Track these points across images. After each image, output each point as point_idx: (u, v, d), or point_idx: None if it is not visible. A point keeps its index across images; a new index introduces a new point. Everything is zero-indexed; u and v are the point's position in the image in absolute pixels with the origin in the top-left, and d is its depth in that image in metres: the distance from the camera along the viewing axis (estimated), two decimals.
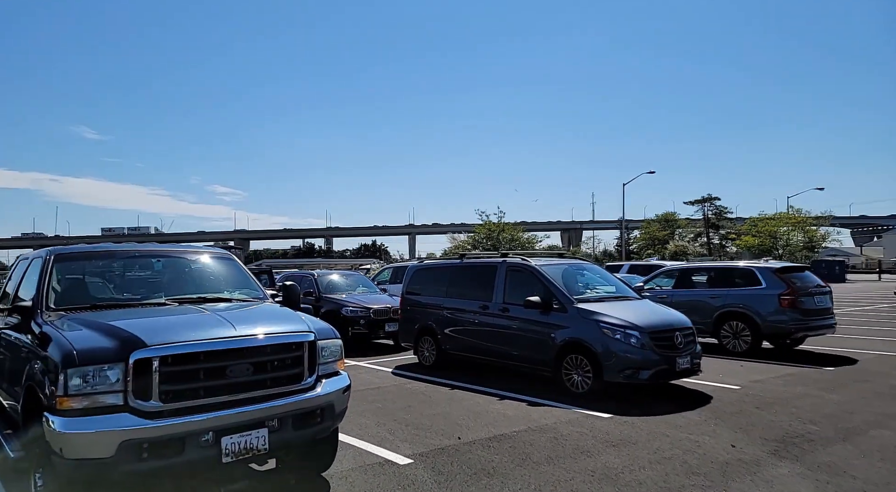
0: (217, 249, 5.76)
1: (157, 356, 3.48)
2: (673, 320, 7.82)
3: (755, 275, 11.24)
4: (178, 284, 4.99)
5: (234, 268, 5.49)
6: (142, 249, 5.35)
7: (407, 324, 10.45)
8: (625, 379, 7.22)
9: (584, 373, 7.49)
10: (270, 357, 3.93)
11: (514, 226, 42.33)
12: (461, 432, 6.03)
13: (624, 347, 7.26)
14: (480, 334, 8.96)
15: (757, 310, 10.88)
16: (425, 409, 7.03)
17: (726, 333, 11.25)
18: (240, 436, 3.67)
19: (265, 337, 3.92)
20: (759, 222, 53.87)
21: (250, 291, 5.24)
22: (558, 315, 7.90)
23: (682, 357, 7.45)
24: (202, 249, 5.60)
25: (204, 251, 5.58)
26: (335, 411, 4.24)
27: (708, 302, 11.65)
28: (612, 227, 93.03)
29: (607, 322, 7.46)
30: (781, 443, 5.58)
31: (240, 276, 5.40)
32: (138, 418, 3.38)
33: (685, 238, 67.82)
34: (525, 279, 8.54)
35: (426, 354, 9.94)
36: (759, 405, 7.05)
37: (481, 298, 9.01)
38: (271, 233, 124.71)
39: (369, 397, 7.71)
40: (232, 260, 5.57)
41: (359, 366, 10.25)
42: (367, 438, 5.86)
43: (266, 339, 3.92)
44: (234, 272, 5.42)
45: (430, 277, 10.29)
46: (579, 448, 5.44)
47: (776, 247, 51.16)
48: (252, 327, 3.97)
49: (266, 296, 5.24)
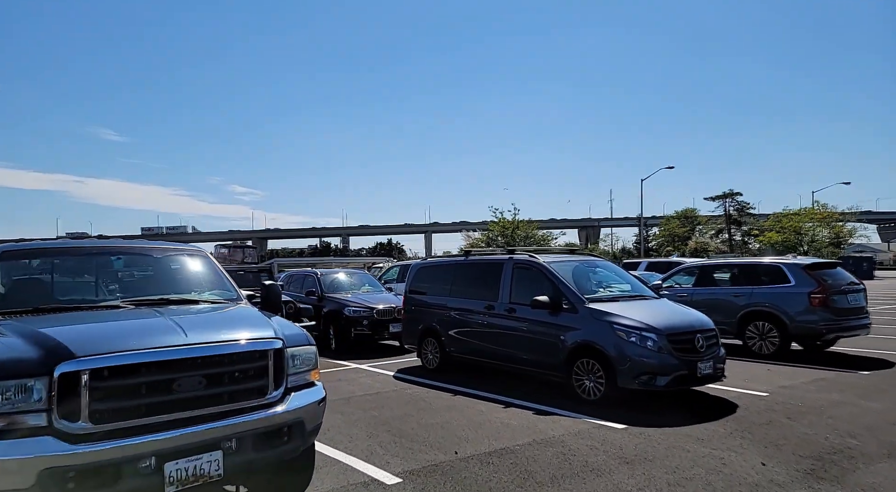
0: (189, 246, 5.29)
1: (87, 369, 2.99)
2: (693, 322, 7.20)
3: (783, 272, 10.51)
4: (141, 285, 4.54)
5: (207, 267, 5.00)
6: (101, 245, 4.89)
7: (410, 325, 9.93)
8: (640, 386, 6.61)
9: (597, 379, 6.90)
10: (228, 368, 3.44)
11: (528, 223, 41.50)
12: (459, 445, 5.49)
13: (639, 351, 6.66)
14: (486, 336, 8.40)
15: (785, 309, 10.15)
16: (423, 418, 6.51)
17: (752, 335, 10.54)
18: (187, 461, 3.17)
19: (221, 345, 3.43)
20: (783, 218, 52.41)
21: (223, 292, 4.76)
22: (568, 316, 7.32)
23: (704, 362, 6.82)
24: (170, 246, 5.13)
25: (172, 248, 5.11)
26: (305, 429, 3.73)
27: (731, 301, 10.94)
28: (631, 224, 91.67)
29: (621, 323, 6.86)
30: (818, 460, 4.95)
31: (212, 275, 4.92)
32: (63, 443, 2.90)
33: (706, 235, 66.40)
34: (532, 277, 7.96)
35: (430, 357, 9.41)
36: (790, 415, 6.40)
37: (487, 297, 8.45)
38: (290, 232, 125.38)
39: (365, 404, 7.20)
40: (205, 258, 5.09)
41: (360, 369, 9.75)
42: (355, 452, 5.35)
43: (222, 347, 3.43)
44: (205, 272, 4.94)
45: (434, 276, 9.74)
46: (588, 466, 4.87)
47: (801, 243, 49.70)
48: (208, 334, 3.48)
49: (240, 297, 4.76)
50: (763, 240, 54.53)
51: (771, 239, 51.83)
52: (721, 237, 67.63)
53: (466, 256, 9.50)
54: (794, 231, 50.35)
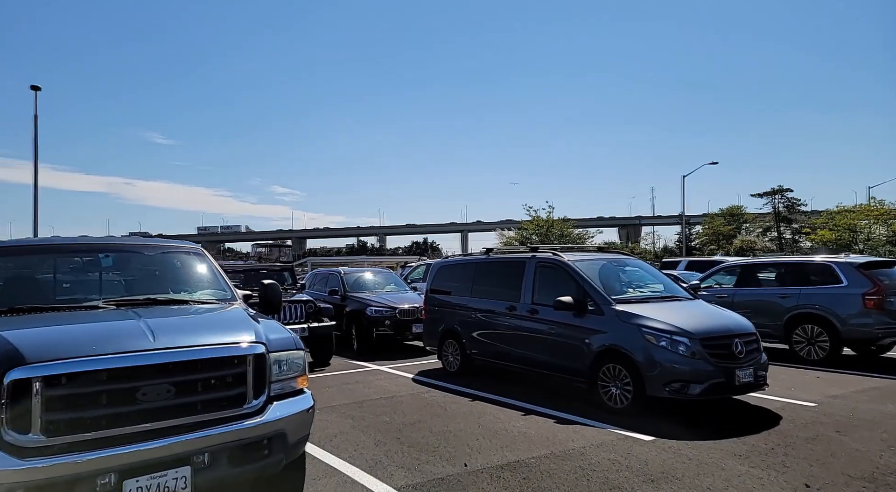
0: (184, 243, 5.07)
1: (39, 376, 2.75)
2: (731, 325, 6.63)
3: (834, 271, 9.74)
4: (128, 284, 4.33)
5: (202, 265, 4.77)
6: (89, 242, 4.70)
7: (430, 326, 9.59)
8: (671, 394, 6.10)
9: (624, 386, 6.42)
10: (201, 375, 3.16)
11: (563, 222, 40.56)
12: (470, 456, 5.12)
13: (670, 357, 6.15)
14: (507, 339, 8.00)
15: (836, 311, 9.40)
16: (437, 424, 6.16)
17: (799, 339, 9.81)
18: (151, 477, 2.91)
19: (192, 351, 3.16)
20: (836, 215, 49.94)
21: (216, 291, 4.52)
22: (594, 318, 6.85)
23: (743, 369, 6.26)
24: (164, 244, 4.91)
25: (166, 245, 4.89)
26: (288, 441, 3.42)
27: (777, 303, 10.22)
28: (673, 222, 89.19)
29: (651, 327, 6.36)
30: (870, 482, 4.40)
31: (206, 275, 4.69)
32: (11, 458, 2.67)
33: (753, 233, 63.90)
34: (556, 277, 7.51)
35: (450, 359, 9.05)
36: (840, 429, 5.80)
37: (508, 298, 8.04)
38: (329, 231, 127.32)
39: (378, 409, 6.90)
40: (200, 256, 4.86)
41: (379, 371, 9.48)
42: (359, 461, 5.04)
43: (193, 352, 3.15)
44: (199, 270, 4.71)
45: (455, 275, 9.37)
46: (608, 483, 4.43)
47: (855, 241, 47.25)
48: (181, 338, 3.22)
49: (235, 297, 4.50)
50: (815, 238, 52.12)
51: (823, 237, 49.48)
52: (769, 235, 64.99)
53: (488, 253, 9.10)
54: (848, 229, 47.92)
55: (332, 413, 6.75)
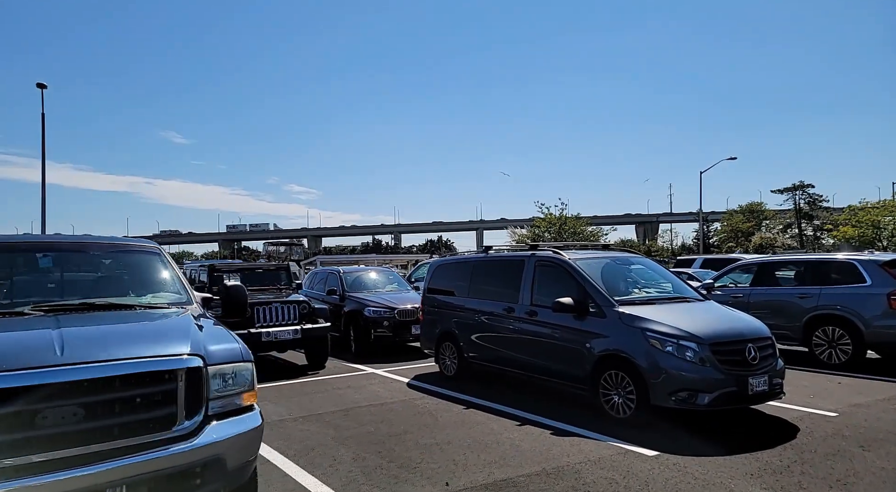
0: (140, 241, 4.69)
1: None
2: (743, 329, 6.12)
3: (857, 269, 9.14)
4: (67, 287, 3.95)
5: (156, 266, 4.39)
6: (28, 240, 4.34)
7: (427, 328, 9.16)
8: (678, 404, 5.62)
9: (627, 394, 5.95)
10: (119, 394, 2.78)
11: (577, 219, 39.76)
12: (454, 473, 4.70)
13: (677, 363, 5.67)
14: (505, 342, 7.55)
15: (859, 312, 8.81)
16: (424, 436, 5.74)
17: (820, 341, 9.23)
18: None
19: (108, 366, 2.77)
20: (860, 211, 48.57)
21: (169, 294, 4.14)
22: (595, 321, 6.38)
23: (757, 376, 5.75)
24: (113, 242, 4.54)
25: (117, 243, 4.52)
26: (227, 467, 3.02)
27: (796, 303, 9.64)
28: (691, 219, 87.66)
29: (655, 330, 5.88)
30: None
31: (160, 276, 4.32)
32: None
33: (773, 229, 62.50)
34: (556, 276, 7.05)
35: (447, 363, 8.63)
36: (864, 443, 5.27)
37: (507, 298, 7.59)
38: (344, 229, 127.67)
39: (365, 417, 6.50)
40: (154, 256, 4.48)
41: (373, 375, 9.08)
42: (332, 479, 4.64)
43: (108, 368, 2.76)
44: (152, 271, 4.34)
45: (453, 274, 8.93)
46: None
47: (879, 238, 45.90)
48: (98, 351, 2.83)
49: (191, 300, 4.11)
50: (837, 235, 50.78)
51: (846, 234, 48.18)
52: (790, 232, 63.51)
53: (486, 252, 8.64)
54: (872, 225, 46.57)
55: (315, 422, 6.37)
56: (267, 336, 8.94)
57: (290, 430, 6.09)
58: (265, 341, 8.94)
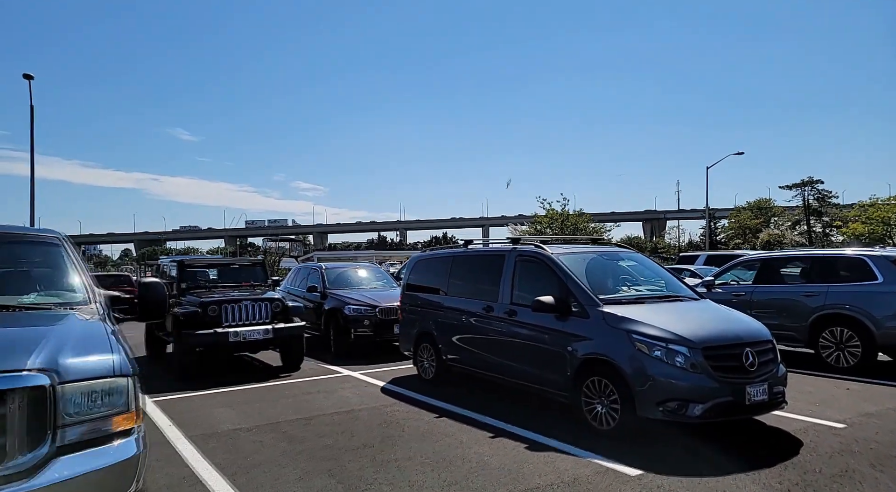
0: (36, 230, 4.14)
1: None
2: (741, 331, 5.52)
3: (867, 266, 8.49)
4: None
5: (53, 260, 3.82)
6: None
7: (406, 327, 8.58)
8: (666, 415, 5.03)
9: (611, 403, 5.36)
10: None
11: (580, 215, 38.90)
12: None
13: (665, 369, 5.08)
14: (484, 344, 6.97)
15: (870, 312, 8.17)
16: (384, 450, 5.18)
17: (827, 343, 8.60)
18: None
19: None
20: (870, 208, 47.55)
21: (64, 293, 3.59)
22: (578, 322, 5.80)
23: (755, 384, 5.15)
24: (5, 231, 3.98)
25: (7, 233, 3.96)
26: None
27: (801, 301, 9.00)
28: (698, 216, 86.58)
29: (642, 332, 5.29)
30: None
31: (55, 271, 3.76)
32: None
33: (781, 226, 61.42)
34: (538, 272, 6.47)
35: (425, 366, 8.06)
36: (875, 461, 4.68)
37: (486, 296, 7.01)
38: (349, 226, 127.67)
39: (326, 428, 5.94)
40: (53, 246, 3.90)
41: (348, 378, 8.53)
42: None
43: None
44: (47, 266, 3.79)
45: (432, 270, 8.34)
46: None
47: (890, 235, 44.92)
48: None
49: (89, 300, 3.55)
50: (847, 232, 49.80)
51: (855, 230, 47.22)
52: (799, 229, 62.38)
53: (466, 246, 8.06)
54: (883, 222, 45.60)
55: (270, 433, 5.82)
56: (235, 336, 8.40)
57: (240, 442, 5.55)
58: (233, 342, 8.41)
